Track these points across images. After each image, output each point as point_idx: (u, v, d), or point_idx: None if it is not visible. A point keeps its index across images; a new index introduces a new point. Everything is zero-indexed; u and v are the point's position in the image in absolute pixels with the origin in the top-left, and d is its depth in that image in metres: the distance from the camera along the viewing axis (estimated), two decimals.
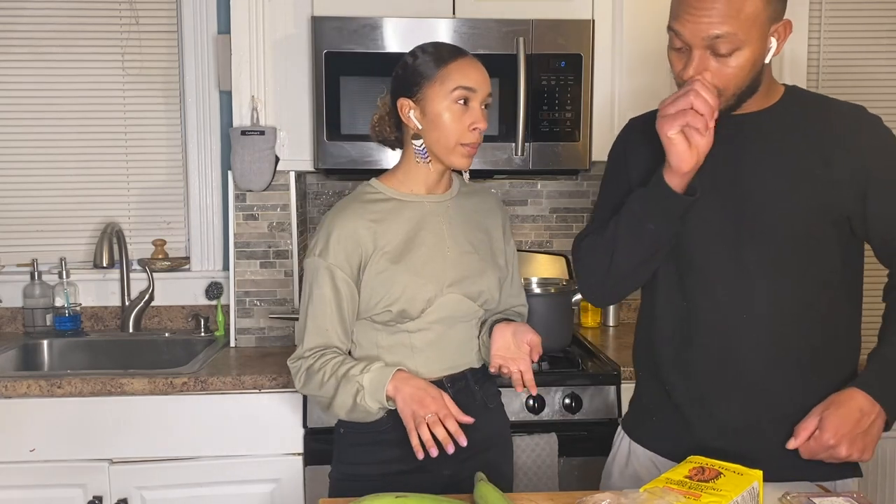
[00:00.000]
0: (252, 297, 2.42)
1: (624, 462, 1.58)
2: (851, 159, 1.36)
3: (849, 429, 1.32)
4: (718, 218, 1.41)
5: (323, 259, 1.54)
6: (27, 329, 2.59)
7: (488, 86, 1.55)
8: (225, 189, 2.63)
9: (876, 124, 1.41)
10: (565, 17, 2.25)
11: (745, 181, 1.40)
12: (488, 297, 1.61)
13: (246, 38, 2.30)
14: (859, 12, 2.74)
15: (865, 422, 1.33)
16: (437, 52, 1.54)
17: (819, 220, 1.38)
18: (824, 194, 1.37)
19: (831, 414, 1.33)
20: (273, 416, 2.09)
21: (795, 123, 1.40)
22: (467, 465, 1.58)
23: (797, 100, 1.44)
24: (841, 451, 1.32)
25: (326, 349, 1.53)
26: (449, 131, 1.52)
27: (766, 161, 1.39)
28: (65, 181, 2.67)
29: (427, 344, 1.57)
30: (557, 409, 2.09)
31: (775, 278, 1.39)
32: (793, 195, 1.37)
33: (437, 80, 1.51)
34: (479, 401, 1.62)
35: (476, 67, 1.54)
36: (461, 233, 1.61)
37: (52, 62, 2.63)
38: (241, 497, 2.10)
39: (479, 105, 1.53)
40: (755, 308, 1.39)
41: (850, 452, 1.32)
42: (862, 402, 1.34)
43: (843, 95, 1.93)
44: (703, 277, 1.43)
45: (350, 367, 1.48)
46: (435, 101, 1.52)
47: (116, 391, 2.04)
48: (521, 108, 2.17)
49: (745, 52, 1.30)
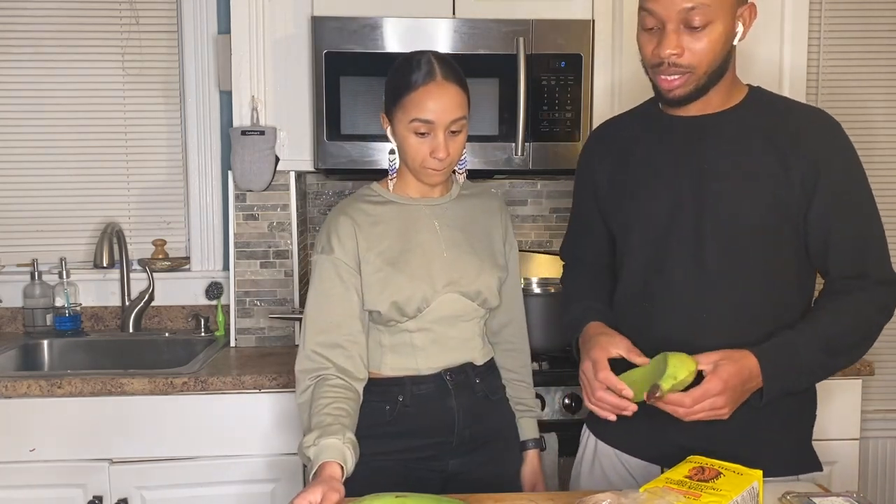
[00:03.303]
0: (252, 297, 2.43)
1: (591, 461, 1.59)
2: (805, 160, 1.37)
3: (735, 383, 1.31)
4: (681, 219, 1.42)
5: (326, 255, 1.56)
6: (27, 329, 2.59)
7: (454, 113, 1.51)
8: (225, 189, 2.63)
9: (833, 128, 1.42)
10: (565, 17, 2.25)
11: (706, 183, 1.41)
12: (487, 296, 1.62)
13: (246, 38, 2.30)
14: (859, 24, 2.74)
15: (749, 385, 1.33)
16: (406, 76, 1.51)
17: (778, 221, 1.39)
18: (782, 195, 1.38)
19: (727, 365, 1.31)
20: (273, 416, 2.09)
21: (757, 125, 1.41)
22: (472, 457, 1.62)
23: (759, 101, 1.46)
24: (719, 400, 1.30)
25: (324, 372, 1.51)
26: (412, 156, 1.54)
27: (727, 162, 1.40)
28: (65, 181, 2.67)
29: (428, 343, 1.59)
30: (557, 408, 2.09)
31: (735, 278, 1.40)
32: (752, 196, 1.38)
33: (401, 108, 1.52)
34: (480, 393, 1.64)
35: (437, 98, 1.49)
36: (459, 234, 1.62)
37: (52, 62, 2.63)
38: (241, 497, 2.10)
39: (443, 133, 1.51)
40: (716, 308, 1.41)
41: (725, 405, 1.30)
42: (752, 365, 1.33)
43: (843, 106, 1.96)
44: (666, 279, 1.44)
45: (305, 436, 1.42)
46: (399, 126, 1.54)
47: (116, 391, 2.04)
48: (521, 108, 2.17)
49: (717, 27, 1.34)
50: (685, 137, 1.44)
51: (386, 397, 1.59)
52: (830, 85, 2.75)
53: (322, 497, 1.24)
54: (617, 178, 1.54)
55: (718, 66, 1.38)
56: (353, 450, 1.38)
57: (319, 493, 1.24)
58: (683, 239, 1.42)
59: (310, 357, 1.53)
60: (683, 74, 1.36)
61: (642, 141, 1.51)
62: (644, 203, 1.47)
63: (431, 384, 1.59)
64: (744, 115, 1.43)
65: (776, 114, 1.43)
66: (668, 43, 1.34)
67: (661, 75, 1.38)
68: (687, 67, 1.35)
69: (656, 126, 1.50)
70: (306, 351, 1.54)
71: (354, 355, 1.53)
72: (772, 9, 2.31)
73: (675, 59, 1.35)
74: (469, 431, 1.61)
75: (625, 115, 1.65)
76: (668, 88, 1.39)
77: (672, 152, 1.45)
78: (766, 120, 1.42)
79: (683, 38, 1.34)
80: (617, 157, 1.54)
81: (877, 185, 1.42)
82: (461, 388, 1.61)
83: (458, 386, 1.60)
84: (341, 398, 1.47)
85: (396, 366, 1.59)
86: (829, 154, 1.38)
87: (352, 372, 1.52)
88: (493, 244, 1.67)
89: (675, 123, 1.46)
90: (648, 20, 1.37)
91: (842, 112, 2.73)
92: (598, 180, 1.58)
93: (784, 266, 1.42)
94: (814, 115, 1.44)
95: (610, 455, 1.55)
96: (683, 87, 1.38)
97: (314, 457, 1.36)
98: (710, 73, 1.37)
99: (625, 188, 1.51)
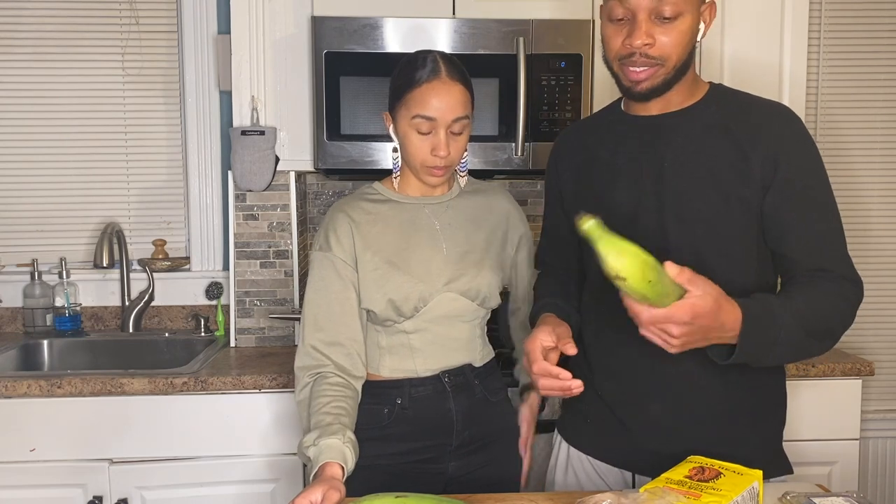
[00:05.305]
0: (252, 297, 2.43)
1: (564, 467, 1.58)
2: (764, 154, 1.35)
3: (704, 324, 1.19)
4: (644, 219, 1.41)
5: (325, 252, 1.56)
6: (27, 329, 2.59)
7: (456, 112, 1.51)
8: (225, 189, 2.63)
9: (794, 122, 1.40)
10: (565, 17, 2.25)
11: (667, 181, 1.40)
12: (487, 295, 1.61)
13: (246, 38, 2.30)
14: (858, 31, 2.74)
15: (714, 334, 1.22)
16: (410, 73, 1.52)
17: (740, 217, 1.37)
18: (743, 190, 1.36)
19: (709, 302, 1.19)
20: (273, 416, 2.09)
21: (716, 121, 1.41)
22: (473, 459, 1.62)
23: (719, 97, 1.45)
24: (677, 330, 1.18)
25: (323, 370, 1.52)
26: (413, 153, 1.54)
27: (688, 160, 1.40)
28: (65, 181, 2.68)
29: (426, 344, 1.59)
30: (557, 408, 2.09)
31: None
32: (713, 193, 1.37)
33: (404, 105, 1.52)
34: (480, 395, 1.63)
35: (440, 94, 1.50)
36: (459, 233, 1.62)
37: (53, 62, 2.63)
38: (241, 497, 2.10)
39: (444, 131, 1.51)
40: None
41: (680, 336, 1.19)
42: (732, 320, 1.23)
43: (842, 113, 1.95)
44: None
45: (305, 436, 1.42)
46: (402, 123, 1.54)
47: (116, 391, 2.04)
48: (521, 108, 2.18)
49: (686, 19, 1.34)
50: (646, 137, 1.43)
51: (384, 400, 1.59)
52: (830, 92, 2.75)
53: (323, 497, 1.24)
54: (581, 181, 1.53)
55: (684, 62, 1.37)
56: (353, 449, 1.39)
57: (320, 492, 1.25)
58: (647, 238, 1.40)
59: (309, 354, 1.53)
60: (653, 66, 1.35)
61: (605, 143, 1.50)
62: (607, 204, 1.45)
63: (429, 386, 1.59)
64: (704, 112, 1.42)
65: (736, 109, 1.42)
66: (639, 33, 1.33)
67: (629, 67, 1.37)
68: (657, 59, 1.35)
69: (618, 128, 1.49)
70: (305, 348, 1.54)
71: (353, 353, 1.54)
72: (771, 16, 2.31)
73: (646, 49, 1.34)
74: (469, 433, 1.61)
75: (588, 120, 1.65)
76: (636, 80, 1.37)
77: (634, 153, 1.45)
78: (726, 116, 1.41)
79: (654, 28, 1.33)
80: (581, 162, 1.54)
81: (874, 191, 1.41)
82: (460, 390, 1.61)
83: (456, 388, 1.60)
84: (340, 396, 1.47)
85: (395, 367, 1.59)
86: (787, 148, 1.37)
87: (350, 370, 1.52)
88: (497, 242, 1.67)
89: (636, 124, 1.46)
90: (617, 10, 1.35)
91: (841, 118, 2.75)
92: (563, 185, 1.58)
93: (748, 262, 1.40)
94: (774, 109, 1.42)
95: (583, 460, 1.55)
96: (651, 80, 1.37)
97: (314, 457, 1.36)
98: (678, 66, 1.37)
99: (589, 191, 1.51)
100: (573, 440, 1.57)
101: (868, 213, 2.74)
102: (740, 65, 2.31)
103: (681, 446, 1.36)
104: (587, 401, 1.51)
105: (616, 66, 1.39)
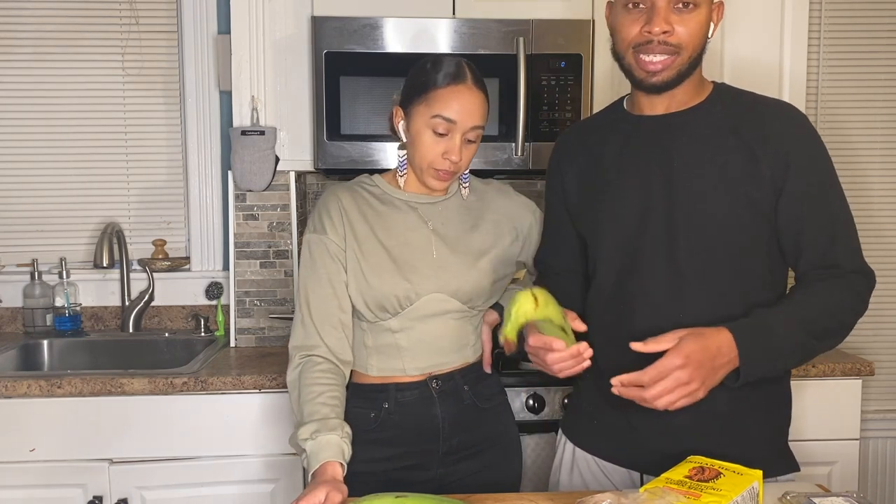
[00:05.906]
0: (252, 297, 2.43)
1: (569, 467, 1.57)
2: (775, 154, 1.36)
3: (700, 358, 1.24)
4: (652, 219, 1.41)
5: (319, 234, 1.57)
6: (27, 329, 2.59)
7: (475, 120, 1.52)
8: (225, 189, 2.63)
9: (801, 120, 1.41)
10: (565, 17, 2.25)
11: (676, 181, 1.40)
12: (474, 295, 1.60)
13: (246, 38, 2.30)
14: (859, 30, 2.74)
15: (719, 361, 1.26)
16: (436, 72, 1.52)
17: (749, 217, 1.38)
18: (753, 191, 1.37)
19: (691, 340, 1.25)
20: (273, 416, 2.09)
21: (724, 120, 1.41)
22: (464, 465, 1.60)
23: (725, 97, 1.45)
24: (683, 375, 1.23)
25: (314, 351, 1.53)
26: (423, 153, 1.53)
27: (697, 160, 1.40)
28: (65, 181, 2.67)
29: (413, 343, 1.57)
30: (557, 408, 2.09)
31: (709, 276, 1.39)
32: (723, 193, 1.37)
33: (424, 102, 1.52)
34: (469, 401, 1.62)
35: (464, 99, 1.51)
36: (452, 233, 1.61)
37: (53, 62, 2.63)
38: (241, 497, 2.10)
39: (460, 136, 1.51)
40: (690, 309, 1.38)
41: (692, 380, 1.23)
42: (725, 341, 1.27)
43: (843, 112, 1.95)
44: (640, 280, 1.43)
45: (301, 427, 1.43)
46: (418, 120, 1.53)
47: (116, 391, 2.04)
48: (521, 108, 2.17)
49: (703, 11, 1.36)
50: (653, 137, 1.43)
51: (371, 404, 1.59)
52: (830, 91, 2.74)
53: (326, 498, 1.24)
54: (586, 181, 1.53)
55: (698, 55, 1.38)
56: (349, 443, 1.41)
57: (323, 493, 1.25)
58: (656, 239, 1.41)
59: (303, 333, 1.54)
60: (670, 55, 1.36)
61: (610, 143, 1.50)
62: (614, 205, 1.45)
63: (416, 391, 1.58)
64: (711, 112, 1.42)
65: (743, 109, 1.42)
66: (658, 20, 1.33)
67: (644, 57, 1.36)
68: (675, 47, 1.35)
69: (623, 127, 1.49)
70: (298, 327, 1.56)
71: (343, 337, 1.55)
72: (772, 15, 2.31)
73: (665, 37, 1.34)
74: (458, 440, 1.60)
75: (590, 119, 1.65)
76: (651, 71, 1.37)
77: (640, 152, 1.44)
78: (733, 115, 1.41)
79: (672, 17, 1.34)
80: (585, 161, 1.53)
81: (874, 190, 1.42)
82: (446, 396, 1.59)
83: (443, 393, 1.59)
84: (333, 385, 1.49)
85: (382, 367, 1.59)
86: (797, 147, 1.37)
87: (339, 353, 1.53)
88: (493, 242, 1.65)
89: (641, 123, 1.45)
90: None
91: (842, 118, 2.75)
92: (567, 185, 1.57)
93: (757, 262, 1.40)
94: (781, 108, 1.43)
95: (588, 461, 1.54)
96: (667, 71, 1.37)
97: (311, 452, 1.37)
98: (693, 57, 1.37)
99: (594, 191, 1.50)
100: (579, 441, 1.57)
101: (869, 213, 2.74)
102: (741, 64, 2.31)
103: (688, 446, 1.36)
104: (594, 402, 1.52)
105: (630, 55, 1.39)
